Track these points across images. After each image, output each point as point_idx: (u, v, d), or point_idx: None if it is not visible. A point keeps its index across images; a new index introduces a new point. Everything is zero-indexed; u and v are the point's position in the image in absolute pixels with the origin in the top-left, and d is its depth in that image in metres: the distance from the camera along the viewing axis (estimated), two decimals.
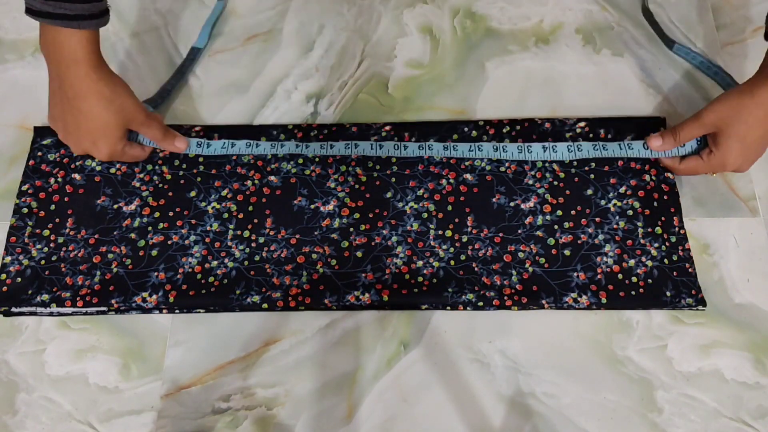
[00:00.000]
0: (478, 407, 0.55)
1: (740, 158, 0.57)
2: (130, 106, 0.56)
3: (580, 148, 0.62)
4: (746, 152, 0.57)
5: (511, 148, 0.63)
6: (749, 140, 0.56)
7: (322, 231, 0.61)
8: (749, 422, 0.54)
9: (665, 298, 0.57)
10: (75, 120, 0.54)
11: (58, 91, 0.55)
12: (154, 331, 0.58)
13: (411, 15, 0.73)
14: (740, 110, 0.55)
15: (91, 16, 0.48)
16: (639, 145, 0.62)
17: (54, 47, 0.50)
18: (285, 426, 0.55)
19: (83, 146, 0.58)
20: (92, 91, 0.52)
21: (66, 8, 0.46)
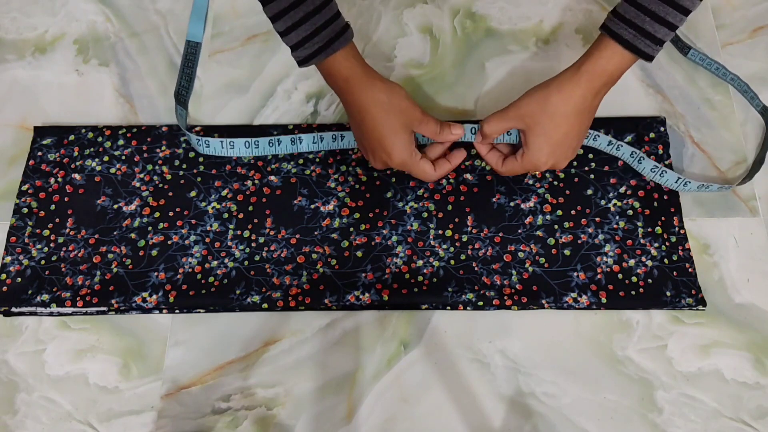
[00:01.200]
0: (478, 407, 0.55)
1: (551, 157, 0.54)
2: (407, 107, 0.55)
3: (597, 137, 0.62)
4: (556, 150, 0.54)
5: None
6: (556, 138, 0.53)
7: (322, 231, 0.61)
8: (749, 422, 0.54)
9: (665, 298, 0.57)
10: (368, 136, 0.55)
11: (350, 116, 0.56)
12: (154, 331, 0.58)
13: (411, 15, 0.73)
14: (546, 106, 0.53)
15: (338, 36, 0.51)
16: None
17: (329, 78, 0.54)
18: (285, 426, 0.55)
19: (381, 158, 0.56)
20: (369, 101, 0.53)
21: (316, 42, 0.50)
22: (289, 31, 0.50)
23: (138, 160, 0.64)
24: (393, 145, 0.55)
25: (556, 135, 0.53)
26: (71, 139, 0.65)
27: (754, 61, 0.69)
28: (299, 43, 0.51)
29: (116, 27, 0.73)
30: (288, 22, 0.50)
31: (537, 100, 0.53)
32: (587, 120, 0.54)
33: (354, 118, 0.55)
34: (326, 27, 0.51)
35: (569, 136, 0.54)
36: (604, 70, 0.51)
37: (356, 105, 0.54)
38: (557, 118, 0.53)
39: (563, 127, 0.53)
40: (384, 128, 0.54)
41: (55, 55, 0.72)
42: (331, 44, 0.51)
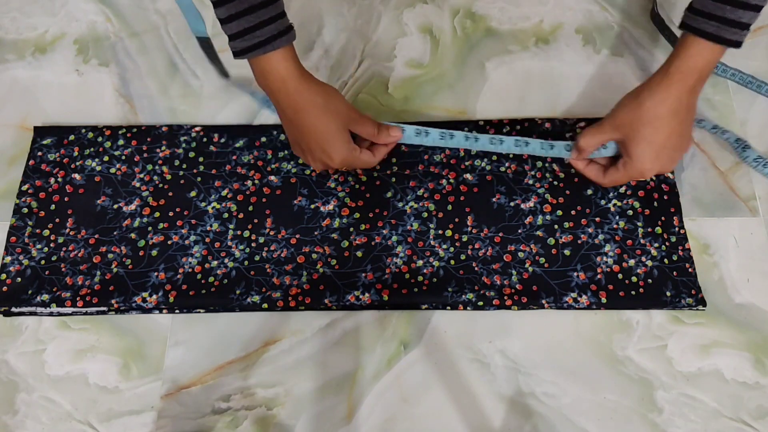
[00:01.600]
0: (478, 407, 0.55)
1: (656, 162, 0.54)
2: (343, 108, 0.55)
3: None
4: (660, 154, 0.54)
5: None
6: (658, 141, 0.53)
7: (322, 231, 0.61)
8: (749, 422, 0.54)
9: (665, 298, 0.57)
10: (304, 137, 0.55)
11: (284, 117, 0.56)
12: (154, 331, 0.58)
13: (411, 15, 0.73)
14: (640, 112, 0.52)
15: (280, 34, 0.51)
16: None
17: (264, 76, 0.53)
18: (285, 426, 0.55)
19: (321, 159, 0.56)
20: (306, 102, 0.53)
21: (257, 36, 0.50)
22: (231, 20, 0.49)
23: (138, 160, 0.64)
24: (332, 146, 0.55)
25: (657, 139, 0.53)
26: (71, 139, 0.65)
27: (754, 61, 0.69)
28: (240, 33, 0.50)
29: (116, 27, 0.73)
30: (231, 10, 0.49)
31: (631, 108, 0.53)
32: (687, 119, 0.53)
33: (290, 120, 0.55)
34: (270, 23, 0.50)
35: (671, 138, 0.53)
36: (694, 67, 0.51)
37: (292, 107, 0.53)
38: (655, 122, 0.52)
39: (663, 130, 0.52)
40: (322, 130, 0.54)
41: (55, 55, 0.72)
42: (272, 41, 0.50)
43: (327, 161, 0.56)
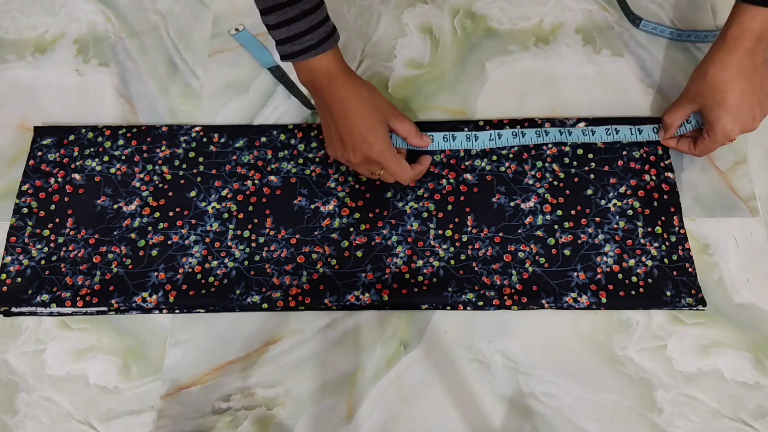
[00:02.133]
0: (478, 407, 0.55)
1: (736, 122, 0.56)
2: (385, 104, 0.58)
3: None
4: (738, 114, 0.56)
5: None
6: (732, 102, 0.55)
7: (322, 231, 0.61)
8: (749, 422, 0.54)
9: (665, 298, 0.57)
10: (349, 130, 0.56)
11: (328, 115, 0.57)
12: (154, 331, 0.58)
13: (411, 15, 0.73)
14: (707, 79, 0.56)
15: (328, 36, 0.54)
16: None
17: (312, 75, 0.56)
18: (285, 426, 0.55)
19: (362, 149, 0.56)
20: (353, 95, 0.56)
21: (308, 40, 0.53)
22: (281, 26, 0.53)
23: (138, 160, 0.64)
24: (375, 136, 0.56)
25: (730, 101, 0.55)
26: (71, 139, 0.65)
27: None
28: (290, 38, 0.53)
29: (116, 27, 0.73)
30: (282, 17, 0.52)
31: (698, 78, 0.57)
32: (756, 78, 0.55)
33: (334, 113, 0.56)
34: (319, 27, 0.53)
35: (745, 98, 0.55)
36: (750, 31, 0.54)
37: (339, 100, 0.56)
38: (722, 85, 0.55)
39: (733, 93, 0.55)
40: (367, 120, 0.56)
41: (55, 55, 0.72)
42: (322, 44, 0.54)
43: (367, 151, 0.56)
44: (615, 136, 0.63)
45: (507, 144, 0.63)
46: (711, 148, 0.59)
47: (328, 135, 0.58)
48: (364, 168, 0.58)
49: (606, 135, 0.63)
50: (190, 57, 0.71)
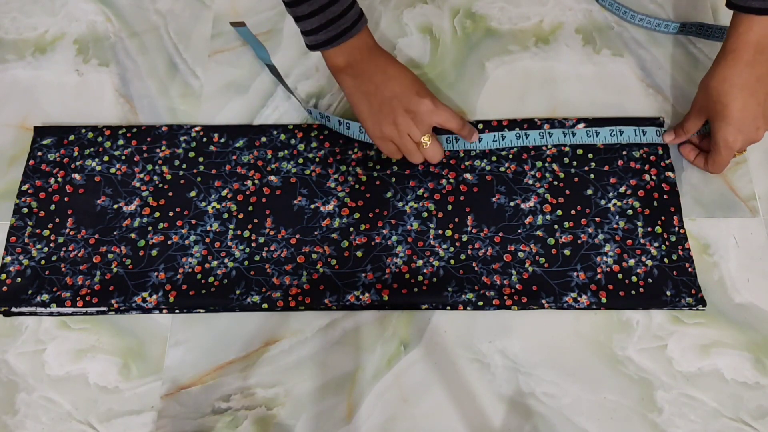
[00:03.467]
0: (478, 407, 0.55)
1: (739, 134, 0.56)
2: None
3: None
4: (740, 126, 0.56)
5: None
6: (734, 115, 0.55)
7: (322, 231, 0.61)
8: (749, 422, 0.54)
9: (665, 298, 0.57)
10: (394, 90, 0.56)
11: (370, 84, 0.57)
12: (154, 331, 0.58)
13: (411, 15, 0.73)
14: (709, 93, 0.56)
15: (360, 15, 0.55)
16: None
17: (348, 56, 0.56)
18: (285, 426, 0.55)
19: (414, 105, 0.56)
20: (390, 60, 0.58)
21: (342, 23, 0.54)
22: (315, 14, 0.53)
23: (138, 160, 0.64)
24: (425, 91, 0.57)
25: (732, 113, 0.55)
26: (71, 139, 0.65)
27: None
28: (325, 24, 0.53)
29: (116, 27, 0.73)
30: (315, 5, 0.52)
31: (702, 91, 0.58)
32: (763, 88, 0.55)
33: (378, 81, 0.57)
34: (351, 8, 0.54)
35: (747, 109, 0.55)
36: (747, 42, 0.54)
37: (382, 66, 0.57)
38: (723, 98, 0.55)
39: (735, 104, 0.55)
40: (413, 78, 0.58)
41: (55, 55, 0.72)
42: (356, 23, 0.55)
43: (416, 105, 0.56)
44: (619, 137, 0.63)
45: (510, 145, 0.63)
46: (720, 161, 0.59)
47: (370, 111, 0.57)
48: (405, 141, 0.58)
49: (610, 136, 0.63)
50: (190, 57, 0.71)
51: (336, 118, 0.64)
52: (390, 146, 0.59)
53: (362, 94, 0.57)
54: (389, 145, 0.59)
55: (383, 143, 0.59)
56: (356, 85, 0.57)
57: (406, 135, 0.58)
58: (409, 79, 0.57)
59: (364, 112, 0.58)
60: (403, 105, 0.56)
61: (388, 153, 0.59)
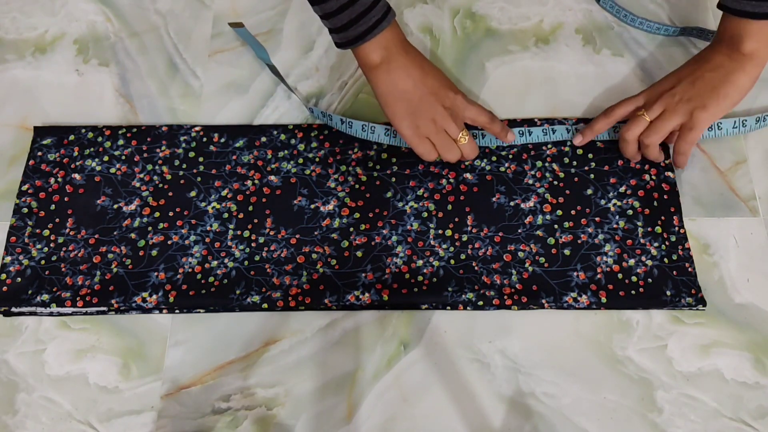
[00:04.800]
0: (478, 407, 0.55)
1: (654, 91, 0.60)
2: None
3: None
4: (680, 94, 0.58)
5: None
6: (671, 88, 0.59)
7: (322, 231, 0.61)
8: (749, 422, 0.54)
9: (665, 298, 0.57)
10: (426, 85, 0.56)
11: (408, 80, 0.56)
12: (154, 331, 0.58)
13: (411, 15, 0.73)
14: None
15: (389, 8, 0.55)
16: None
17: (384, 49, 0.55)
18: (285, 426, 0.55)
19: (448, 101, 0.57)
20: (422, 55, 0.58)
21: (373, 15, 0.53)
22: (344, 9, 0.52)
23: (138, 160, 0.64)
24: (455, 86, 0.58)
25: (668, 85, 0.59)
26: (71, 139, 0.65)
27: None
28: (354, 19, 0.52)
29: (116, 27, 0.73)
30: (341, 1, 0.51)
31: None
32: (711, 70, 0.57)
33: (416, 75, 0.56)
34: (378, 2, 0.53)
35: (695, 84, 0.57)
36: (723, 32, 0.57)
37: (419, 59, 0.57)
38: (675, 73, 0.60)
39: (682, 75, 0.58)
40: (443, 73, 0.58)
41: (55, 55, 0.72)
42: (386, 15, 0.54)
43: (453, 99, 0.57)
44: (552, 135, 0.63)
45: (514, 142, 0.63)
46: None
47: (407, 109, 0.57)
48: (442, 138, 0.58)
49: (614, 133, 0.63)
50: (190, 57, 0.71)
51: (338, 117, 0.64)
52: (426, 145, 0.58)
53: (398, 92, 0.56)
54: (426, 144, 0.58)
55: (419, 142, 0.58)
56: (392, 82, 0.56)
57: (443, 131, 0.58)
58: (443, 75, 0.58)
59: (399, 111, 0.57)
60: (440, 101, 0.56)
61: (423, 153, 0.59)
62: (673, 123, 0.58)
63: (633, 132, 0.59)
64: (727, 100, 0.56)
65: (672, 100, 0.57)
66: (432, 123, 0.57)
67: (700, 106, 0.56)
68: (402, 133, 0.58)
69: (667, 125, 0.58)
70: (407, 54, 0.56)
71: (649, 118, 0.58)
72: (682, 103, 0.57)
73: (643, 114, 0.58)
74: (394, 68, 0.56)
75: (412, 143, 0.58)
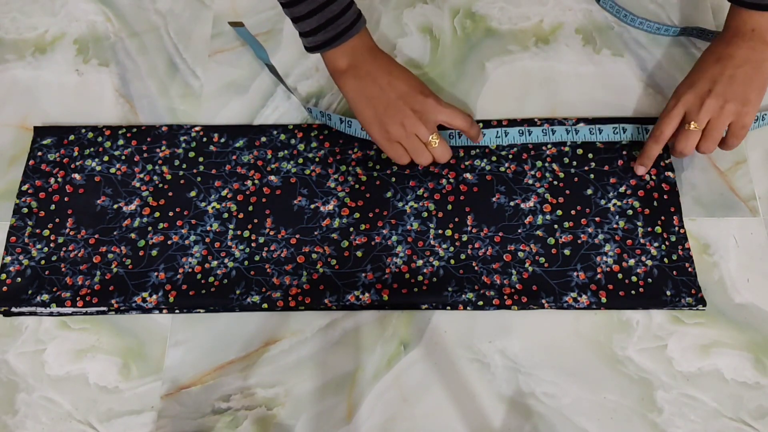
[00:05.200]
0: (478, 407, 0.55)
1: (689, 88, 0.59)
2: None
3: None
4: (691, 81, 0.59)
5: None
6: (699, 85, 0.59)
7: (322, 231, 0.61)
8: (749, 422, 0.54)
9: (665, 298, 0.57)
10: (400, 90, 0.56)
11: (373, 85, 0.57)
12: (154, 331, 0.58)
13: (411, 15, 0.73)
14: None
15: (359, 15, 0.55)
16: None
17: (350, 56, 0.56)
18: (285, 426, 0.55)
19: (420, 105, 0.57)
20: (391, 60, 0.59)
21: (342, 23, 0.54)
22: (313, 14, 0.53)
23: (138, 160, 0.64)
24: (428, 91, 0.58)
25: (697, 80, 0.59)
26: (71, 139, 0.65)
27: None
28: (323, 25, 0.53)
29: (116, 27, 0.74)
30: (312, 4, 0.52)
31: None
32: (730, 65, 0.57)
33: (382, 82, 0.57)
34: (350, 8, 0.54)
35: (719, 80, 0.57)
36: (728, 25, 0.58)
37: (385, 67, 0.57)
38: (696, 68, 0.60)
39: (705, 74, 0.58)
40: (415, 78, 0.58)
41: (55, 55, 0.72)
42: (355, 23, 0.55)
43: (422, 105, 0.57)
44: (622, 135, 0.63)
45: (513, 141, 0.63)
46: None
47: (375, 114, 0.57)
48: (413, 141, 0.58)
49: (613, 134, 0.63)
50: (190, 57, 0.71)
51: (337, 116, 0.64)
52: (398, 149, 0.58)
53: (366, 98, 0.57)
54: (397, 148, 0.58)
55: (390, 146, 0.58)
56: (359, 88, 0.57)
57: (413, 135, 0.58)
58: (413, 79, 0.58)
59: (368, 116, 0.57)
60: (409, 105, 0.56)
61: (395, 157, 0.59)
62: (725, 127, 0.57)
63: (689, 146, 0.58)
64: (764, 91, 0.57)
65: (716, 105, 0.56)
66: (401, 127, 0.57)
67: (744, 102, 0.56)
68: (373, 138, 0.59)
69: (720, 132, 0.57)
70: (374, 60, 0.57)
71: (700, 128, 0.58)
72: (727, 104, 0.56)
73: (694, 126, 0.58)
74: (361, 74, 0.56)
75: (383, 147, 0.59)
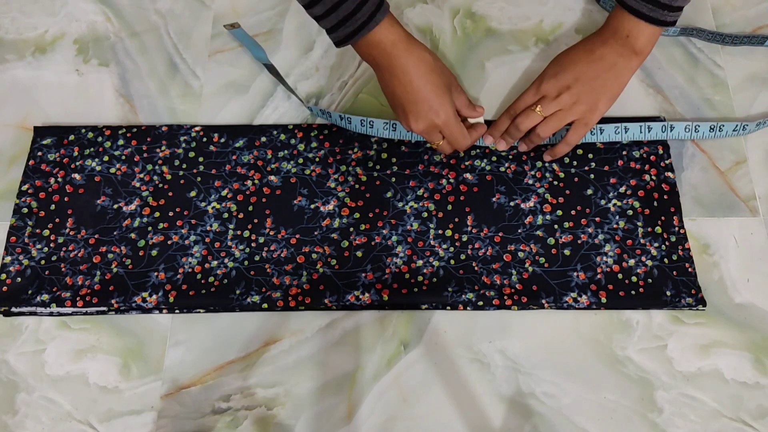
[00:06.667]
0: (478, 407, 0.55)
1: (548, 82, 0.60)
2: (447, 70, 0.59)
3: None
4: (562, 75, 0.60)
5: None
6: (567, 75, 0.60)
7: (322, 231, 0.61)
8: (749, 422, 0.54)
9: (665, 298, 0.57)
10: (414, 97, 0.56)
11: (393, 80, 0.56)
12: (154, 331, 0.58)
13: (411, 15, 0.73)
14: None
15: (378, 8, 0.53)
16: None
17: (372, 50, 0.55)
18: (285, 426, 0.55)
19: (427, 116, 0.57)
20: (418, 60, 0.56)
21: (358, 18, 0.53)
22: (329, 13, 0.53)
23: (138, 160, 0.64)
24: (441, 103, 0.56)
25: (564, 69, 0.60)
26: (71, 139, 0.65)
27: (754, 61, 0.69)
28: (340, 22, 0.53)
29: (116, 27, 0.73)
30: (327, 4, 0.52)
31: None
32: (599, 63, 0.58)
33: (399, 80, 0.56)
34: (366, 2, 0.53)
35: (586, 76, 0.58)
36: (608, 25, 0.59)
37: (404, 66, 0.55)
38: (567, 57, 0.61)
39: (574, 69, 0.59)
40: (433, 86, 0.56)
41: (55, 55, 0.72)
42: (373, 17, 0.53)
43: (433, 117, 0.56)
44: (624, 134, 0.63)
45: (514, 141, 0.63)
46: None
47: (398, 99, 0.57)
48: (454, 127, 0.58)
49: (615, 134, 0.63)
50: (190, 57, 0.71)
51: (337, 114, 0.64)
52: (437, 135, 0.58)
53: (388, 90, 0.57)
54: (436, 135, 0.58)
55: (430, 131, 0.58)
56: (390, 79, 0.57)
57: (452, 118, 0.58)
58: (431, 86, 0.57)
59: (403, 106, 0.57)
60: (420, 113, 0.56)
61: (434, 142, 0.59)
62: (567, 121, 0.59)
63: (526, 124, 0.60)
64: (613, 100, 0.59)
65: (569, 101, 0.58)
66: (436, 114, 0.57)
67: (593, 108, 0.58)
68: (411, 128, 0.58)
69: (561, 123, 0.59)
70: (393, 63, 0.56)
71: (543, 115, 0.59)
72: (578, 104, 0.58)
73: (539, 111, 0.59)
74: (389, 65, 0.56)
75: (423, 135, 0.59)
